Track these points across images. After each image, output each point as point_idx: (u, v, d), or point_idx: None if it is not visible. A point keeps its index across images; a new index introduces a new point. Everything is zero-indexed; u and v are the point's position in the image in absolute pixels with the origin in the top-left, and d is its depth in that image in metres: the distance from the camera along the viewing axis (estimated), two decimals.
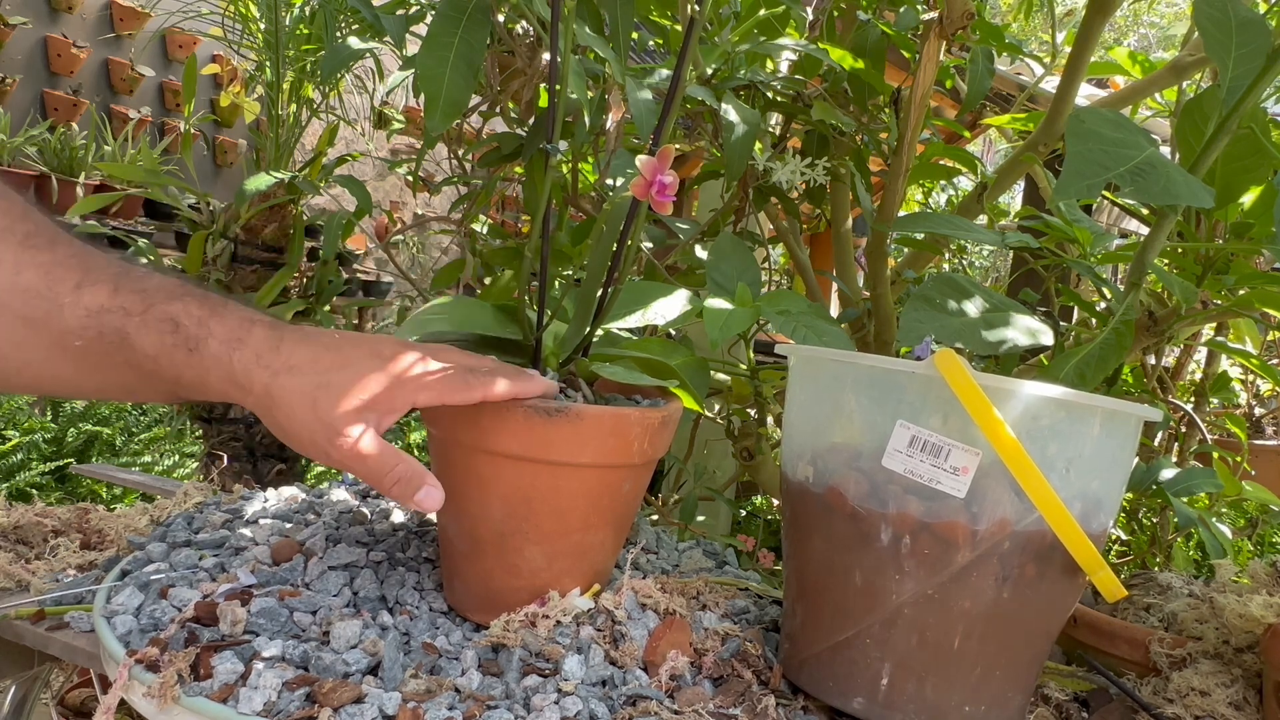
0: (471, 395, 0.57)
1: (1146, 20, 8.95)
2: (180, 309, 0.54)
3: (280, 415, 0.54)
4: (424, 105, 0.74)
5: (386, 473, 0.55)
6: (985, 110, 1.56)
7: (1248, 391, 1.70)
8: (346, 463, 0.55)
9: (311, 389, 0.54)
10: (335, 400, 0.54)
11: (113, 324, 0.53)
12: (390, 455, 0.55)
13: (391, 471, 0.55)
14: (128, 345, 0.53)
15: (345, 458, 0.54)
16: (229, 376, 0.54)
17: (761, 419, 1.09)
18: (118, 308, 0.53)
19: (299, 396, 0.54)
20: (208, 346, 0.54)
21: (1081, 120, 0.64)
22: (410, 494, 0.56)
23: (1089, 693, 0.68)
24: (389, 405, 0.56)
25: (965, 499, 0.53)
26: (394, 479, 0.56)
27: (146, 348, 0.53)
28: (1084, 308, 1.11)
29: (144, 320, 0.53)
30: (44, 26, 3.57)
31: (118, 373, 0.54)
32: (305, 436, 0.55)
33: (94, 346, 0.53)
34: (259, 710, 0.52)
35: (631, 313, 0.74)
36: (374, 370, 0.56)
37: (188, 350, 0.53)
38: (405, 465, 0.56)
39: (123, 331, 0.53)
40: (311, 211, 1.77)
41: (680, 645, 0.61)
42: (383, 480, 0.55)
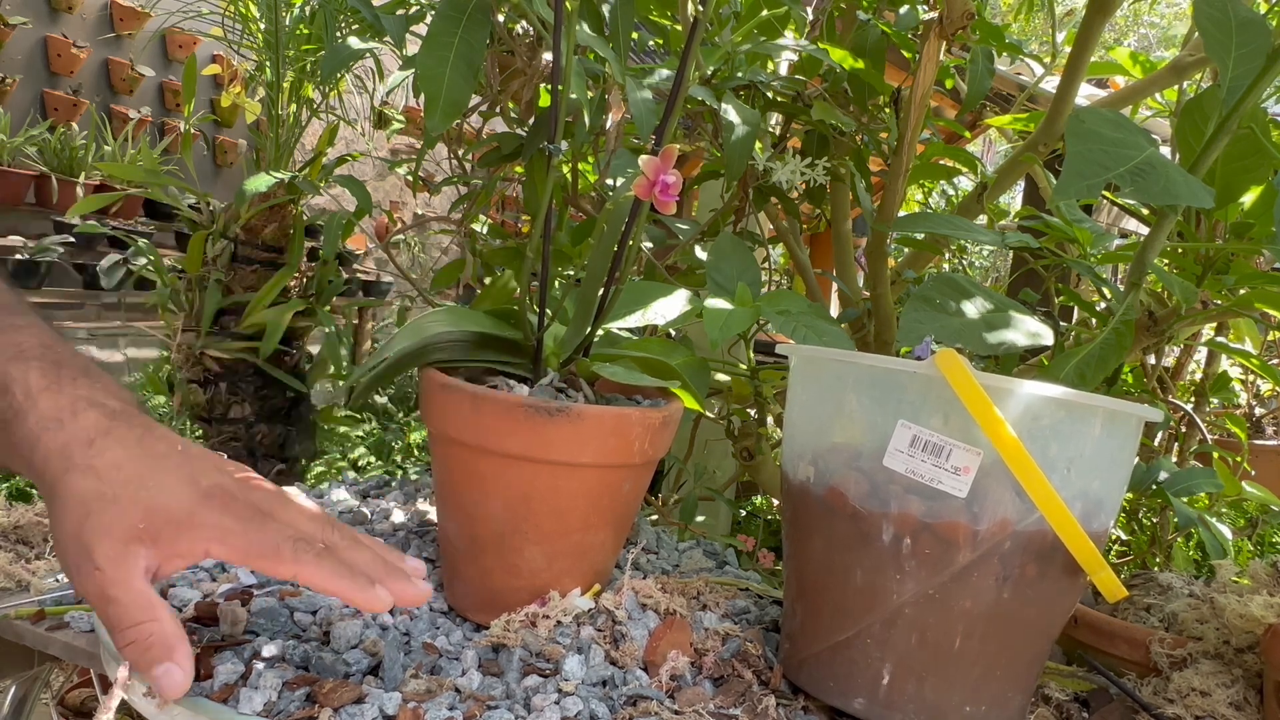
0: (279, 568, 0.48)
1: (1146, 20, 8.95)
2: (20, 372, 0.48)
3: (54, 518, 0.46)
4: (424, 105, 0.74)
5: (127, 627, 0.45)
6: (985, 110, 1.56)
7: (1248, 391, 1.70)
8: (89, 598, 0.46)
9: (93, 498, 0.46)
10: (106, 522, 0.45)
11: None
12: (145, 607, 0.46)
13: (135, 628, 0.45)
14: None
15: (87, 592, 0.46)
16: (28, 462, 0.47)
17: (761, 419, 1.09)
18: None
19: (75, 502, 0.46)
20: (24, 422, 0.47)
21: (1081, 120, 0.64)
22: (147, 663, 0.46)
23: (1089, 693, 0.68)
24: (173, 546, 0.47)
25: (966, 499, 0.53)
26: (131, 638, 0.45)
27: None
28: (1084, 308, 1.11)
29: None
30: (44, 26, 3.57)
31: None
32: (64, 550, 0.46)
33: None
34: (259, 710, 0.52)
35: (632, 313, 0.74)
36: (177, 500, 0.48)
37: (2, 422, 0.47)
38: (156, 626, 0.46)
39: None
40: (311, 211, 1.77)
41: (680, 645, 0.61)
42: (119, 635, 0.46)
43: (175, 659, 0.46)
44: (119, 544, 0.46)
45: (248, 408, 1.51)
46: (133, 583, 0.46)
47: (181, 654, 0.46)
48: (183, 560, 0.48)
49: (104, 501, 0.46)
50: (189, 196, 1.54)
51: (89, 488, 0.46)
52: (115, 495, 0.46)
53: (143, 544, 0.46)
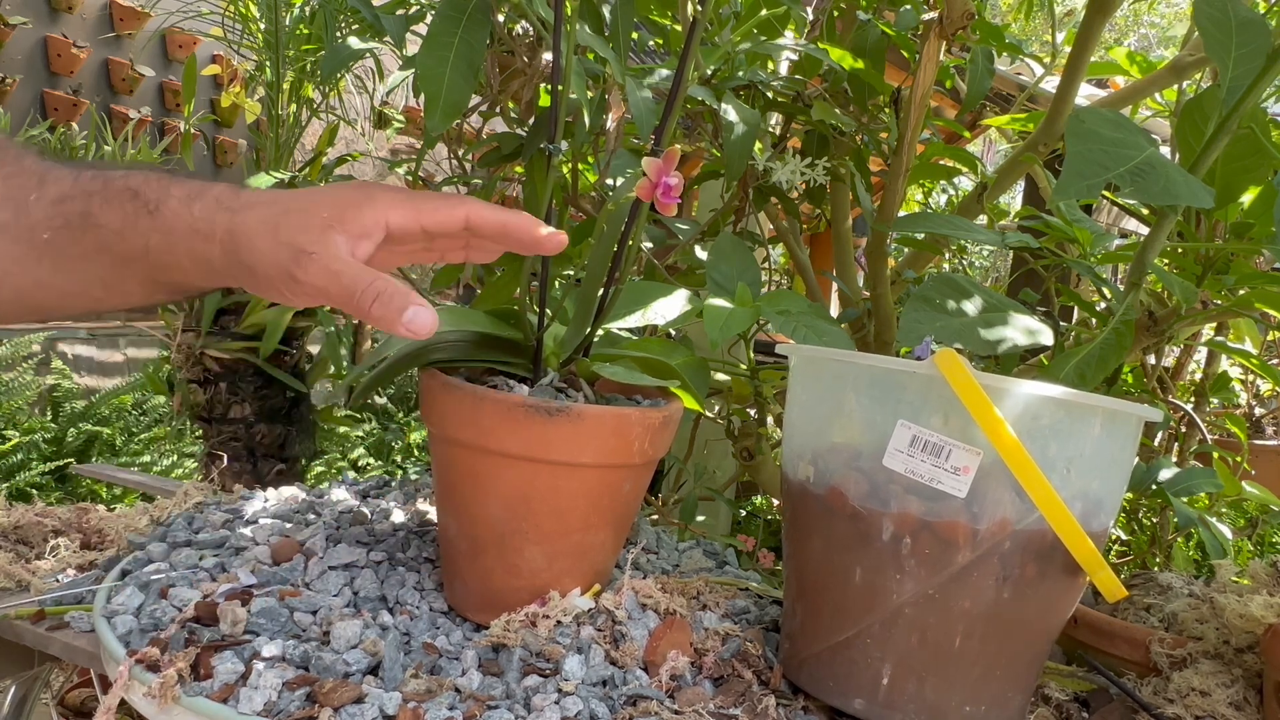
0: (454, 214, 0.54)
1: (1146, 20, 8.95)
2: (140, 179, 0.52)
3: (244, 253, 0.51)
4: (424, 105, 0.74)
5: (363, 288, 0.49)
6: (985, 110, 1.56)
7: (1248, 391, 1.70)
8: (317, 283, 0.50)
9: (273, 216, 0.51)
10: (299, 221, 0.50)
11: (76, 208, 0.51)
12: (366, 271, 0.50)
13: (369, 287, 0.49)
14: (93, 225, 0.51)
15: (314, 278, 0.49)
16: (190, 228, 0.51)
17: (761, 419, 1.09)
18: (79, 192, 0.52)
19: (260, 225, 0.50)
20: (168, 205, 0.51)
21: (1081, 120, 0.64)
22: (395, 314, 0.49)
23: (1089, 693, 0.68)
24: (358, 224, 0.51)
25: (966, 499, 0.53)
26: (373, 295, 0.49)
27: (111, 222, 0.51)
28: (1084, 308, 1.11)
29: (105, 196, 0.51)
30: (44, 26, 3.57)
31: (91, 261, 0.53)
32: (270, 268, 0.50)
33: (63, 236, 0.52)
34: (259, 710, 0.52)
35: (631, 313, 0.74)
36: (340, 193, 0.53)
37: (149, 214, 0.51)
38: (386, 281, 0.50)
39: (86, 212, 0.51)
40: None
41: (680, 645, 0.61)
42: (360, 299, 0.49)
43: (415, 301, 0.50)
44: (319, 233, 0.50)
45: (248, 408, 1.51)
46: (347, 256, 0.50)
47: (417, 299, 0.50)
48: (369, 240, 0.52)
49: (286, 213, 0.51)
50: None
51: (262, 213, 0.51)
52: (290, 207, 0.51)
53: (333, 229, 0.50)
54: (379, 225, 0.52)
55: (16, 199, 0.51)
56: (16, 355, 2.63)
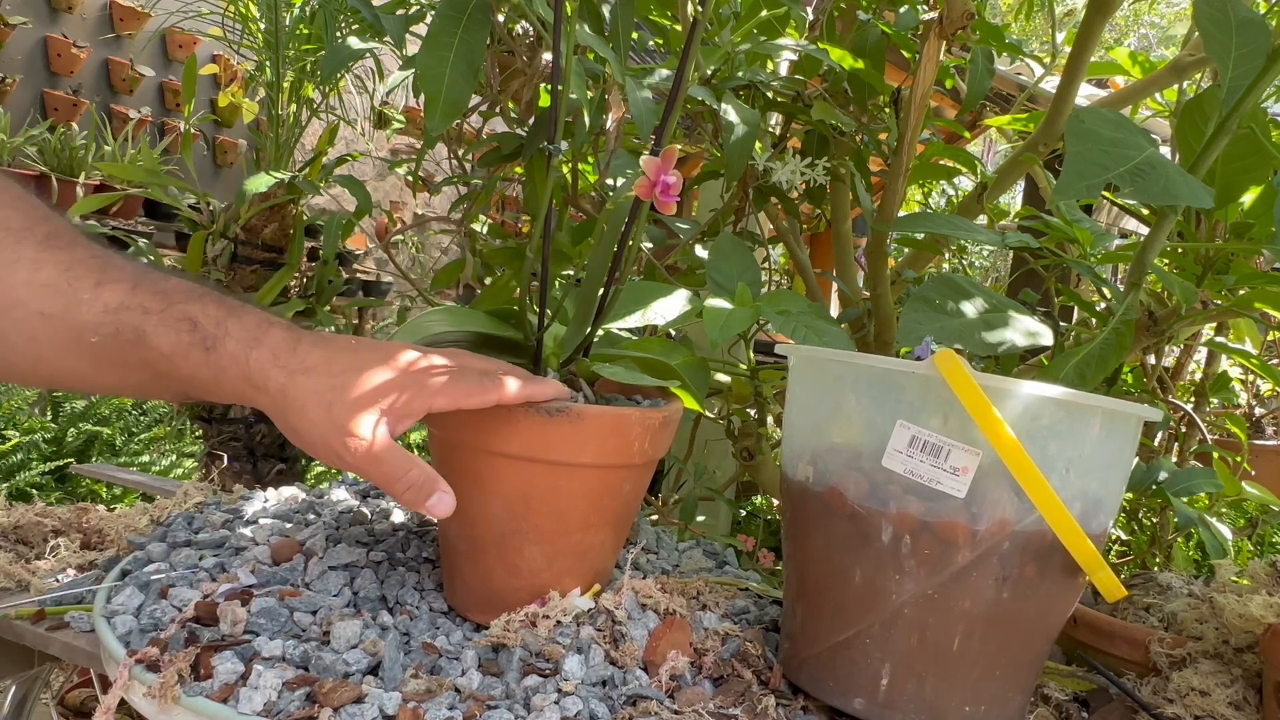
0: (486, 399, 0.58)
1: (1146, 20, 8.95)
2: (199, 309, 0.54)
3: (293, 417, 0.54)
4: (424, 105, 0.74)
5: (400, 478, 0.55)
6: (985, 110, 1.56)
7: (1248, 391, 1.70)
8: (359, 466, 0.54)
9: (326, 391, 0.54)
10: (350, 403, 0.54)
11: (130, 321, 0.53)
12: (404, 460, 0.55)
13: (405, 476, 0.55)
14: (144, 343, 0.53)
15: (358, 461, 0.54)
16: (244, 376, 0.54)
17: (761, 419, 1.09)
18: (136, 305, 0.53)
19: (313, 398, 0.54)
20: (225, 346, 0.54)
21: (1081, 120, 0.64)
22: (423, 500, 0.56)
23: (1089, 693, 0.68)
24: (404, 409, 0.55)
25: (965, 499, 0.53)
26: (407, 484, 0.56)
27: (163, 346, 0.53)
28: (1084, 308, 1.11)
29: (162, 319, 0.53)
30: (44, 26, 3.57)
31: (132, 371, 0.54)
32: (318, 438, 0.54)
33: (110, 343, 0.53)
34: (259, 710, 0.52)
35: (631, 313, 0.74)
36: (390, 374, 0.56)
37: (204, 349, 0.53)
38: (419, 470, 0.56)
39: (140, 329, 0.53)
40: (311, 211, 1.77)
41: (680, 645, 0.61)
42: (395, 485, 0.55)
43: (440, 489, 0.57)
44: (367, 417, 0.54)
45: (248, 407, 1.51)
46: (389, 444, 0.55)
47: (443, 485, 0.57)
48: (409, 419, 0.56)
49: (338, 390, 0.54)
50: (189, 196, 1.54)
51: (319, 383, 0.54)
52: (344, 384, 0.54)
53: (383, 413, 0.55)
54: (420, 411, 0.56)
55: (69, 295, 0.52)
56: None
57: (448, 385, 0.57)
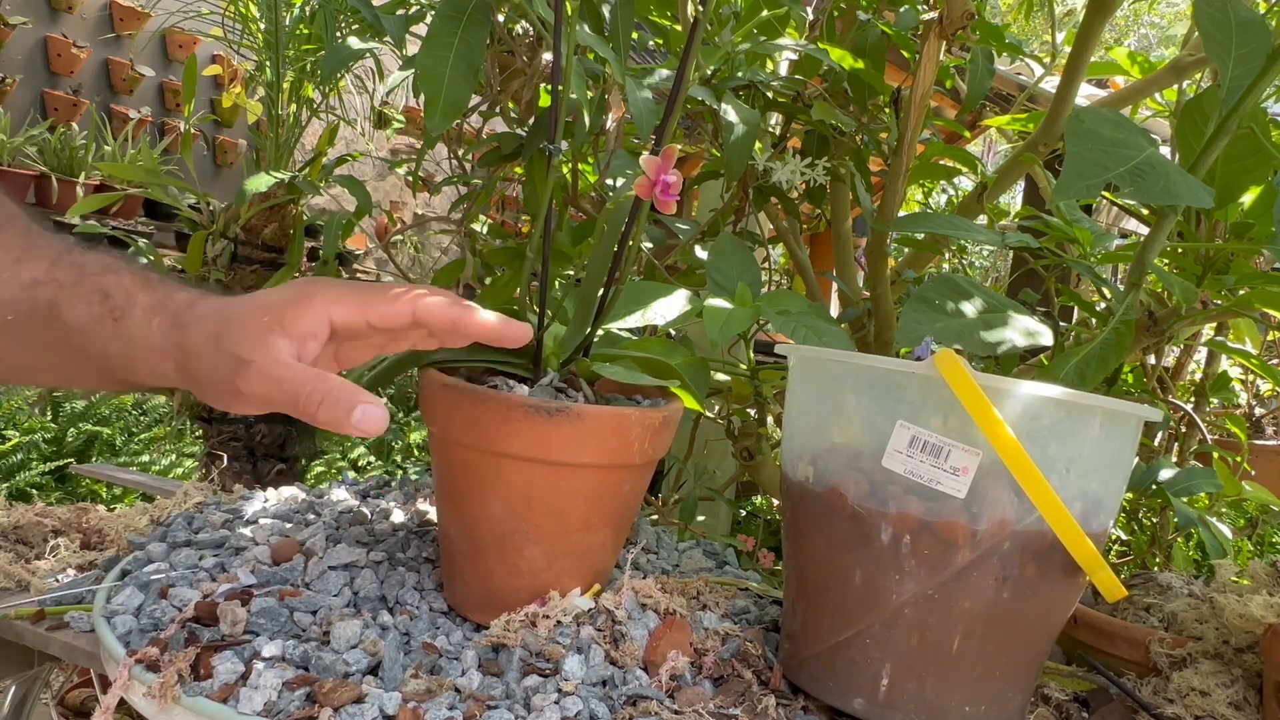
0: (397, 306, 0.52)
1: (1146, 20, 8.95)
2: (113, 281, 0.51)
3: (192, 367, 0.50)
4: (424, 105, 0.74)
5: (308, 392, 0.48)
6: (985, 110, 1.56)
7: (1248, 391, 1.70)
8: (259, 391, 0.48)
9: (215, 329, 0.49)
10: (239, 330, 0.49)
11: (45, 296, 0.50)
12: (311, 374, 0.48)
13: (314, 390, 0.48)
14: (57, 318, 0.50)
15: (255, 387, 0.48)
16: (148, 344, 0.50)
17: (761, 419, 1.09)
18: (51, 280, 0.51)
19: (204, 339, 0.49)
20: (131, 316, 0.50)
21: (1081, 120, 0.64)
22: (344, 414, 0.47)
23: (1089, 693, 0.68)
24: (299, 325, 0.50)
25: (965, 499, 0.53)
26: (318, 398, 0.48)
27: (75, 320, 0.50)
28: (1084, 308, 1.11)
29: (75, 291, 0.50)
30: (44, 26, 3.57)
31: (51, 350, 0.52)
32: (216, 379, 0.49)
33: (27, 322, 0.51)
34: (259, 710, 0.52)
35: (631, 313, 0.74)
36: (281, 294, 0.51)
37: (113, 320, 0.50)
38: (330, 382, 0.48)
39: (54, 304, 0.50)
40: (311, 211, 1.77)
41: (680, 645, 0.61)
42: (305, 403, 0.48)
43: (362, 399, 0.47)
44: (258, 338, 0.49)
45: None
46: (288, 359, 0.49)
47: (366, 396, 0.48)
48: (315, 340, 0.51)
49: (226, 322, 0.50)
50: (189, 196, 1.54)
51: (207, 326, 0.50)
52: (232, 314, 0.50)
53: (275, 333, 0.49)
54: (322, 324, 0.51)
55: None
56: None
57: (349, 293, 0.52)
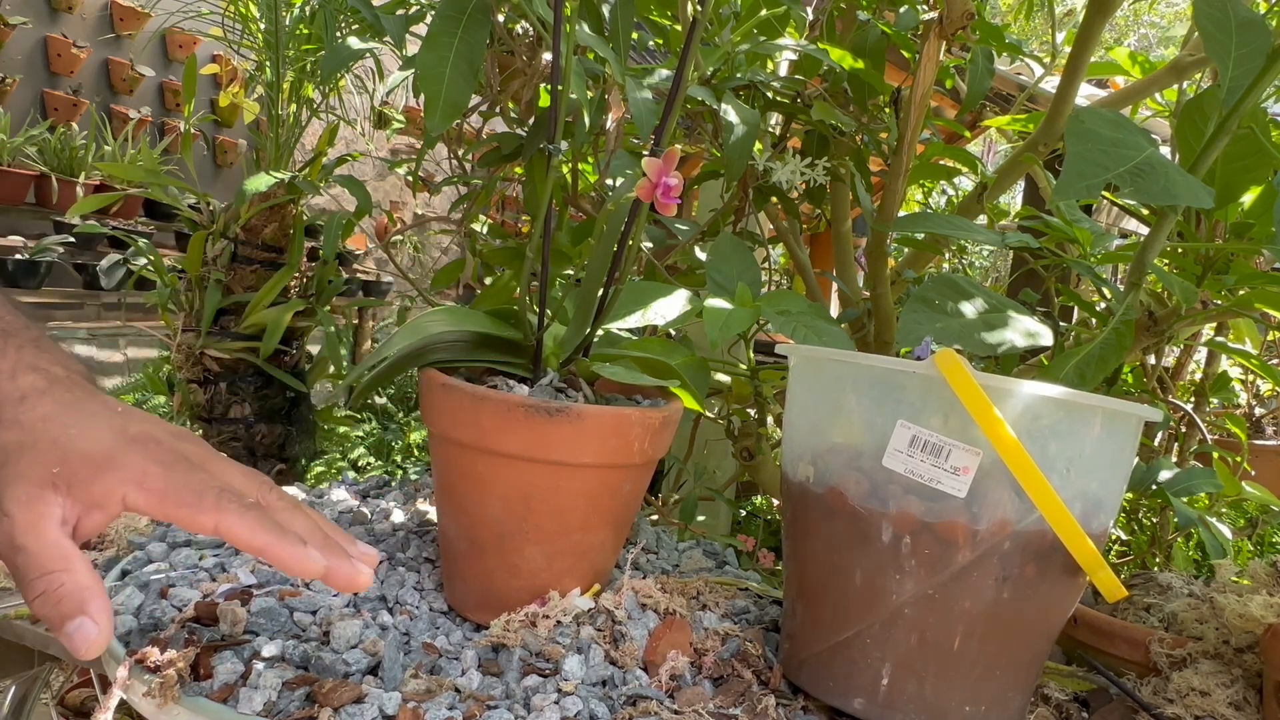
0: (200, 517, 0.45)
1: (1146, 20, 8.95)
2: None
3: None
4: (424, 105, 0.74)
5: (35, 577, 0.41)
6: (985, 110, 1.56)
7: (1248, 391, 1.70)
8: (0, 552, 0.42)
9: (11, 449, 0.43)
10: (22, 466, 0.43)
11: None
12: (52, 558, 0.42)
13: (43, 578, 0.41)
14: None
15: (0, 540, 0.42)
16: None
17: (761, 419, 1.09)
18: None
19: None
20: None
21: (1081, 120, 0.64)
22: (60, 618, 0.41)
23: (1089, 693, 0.68)
24: (88, 493, 0.43)
25: (966, 499, 0.53)
26: (40, 589, 0.41)
27: None
28: (1084, 308, 1.11)
29: None
30: (44, 26, 3.57)
31: None
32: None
33: None
34: (259, 710, 0.52)
35: (631, 313, 0.74)
36: (98, 444, 0.44)
37: None
38: (67, 577, 0.42)
39: None
40: (311, 211, 1.77)
41: (680, 645, 0.61)
42: (27, 588, 0.42)
43: (88, 612, 0.41)
44: (32, 489, 0.42)
45: (248, 408, 1.51)
46: (45, 530, 0.42)
47: (96, 607, 0.42)
48: (102, 512, 0.44)
49: (21, 450, 0.43)
50: (189, 196, 1.54)
51: (11, 439, 0.44)
52: (33, 443, 0.43)
53: (56, 491, 0.43)
54: (113, 500, 0.44)
55: None
56: None
57: (161, 476, 0.45)
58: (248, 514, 0.45)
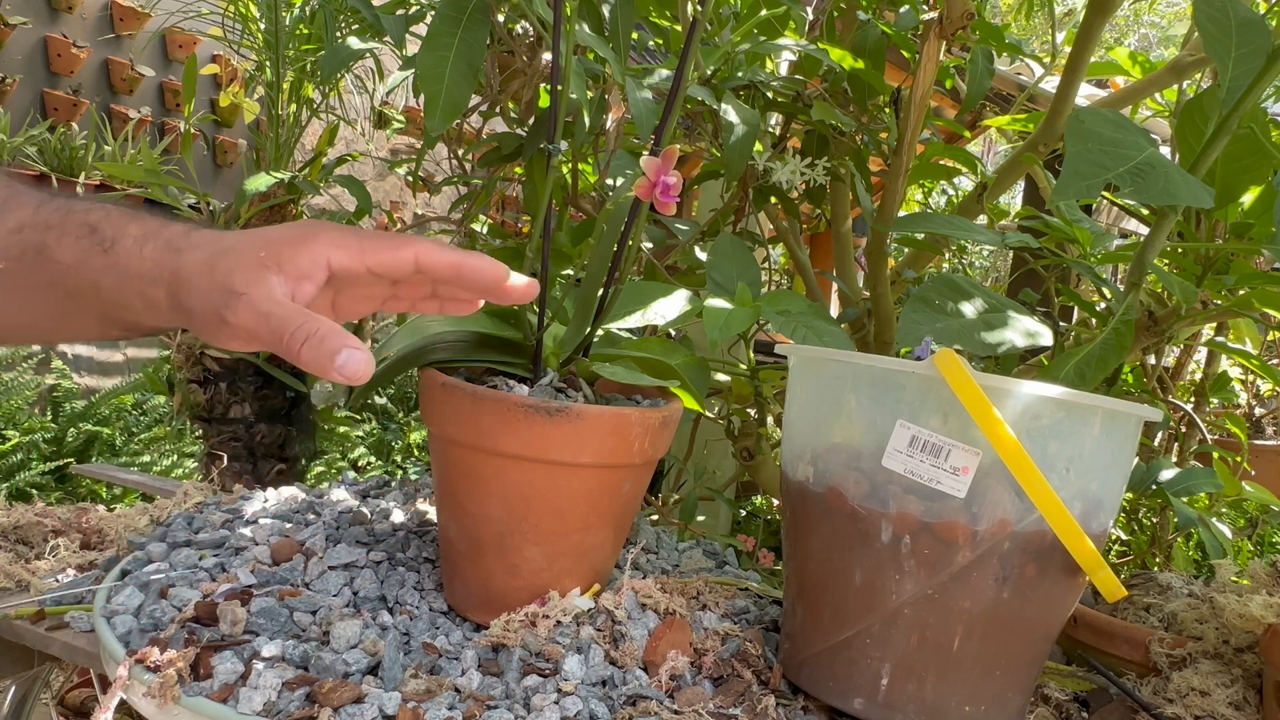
0: (398, 255, 0.51)
1: (1146, 20, 8.95)
2: (100, 215, 0.51)
3: (183, 295, 0.49)
4: (424, 105, 0.74)
5: (293, 330, 0.47)
6: (985, 110, 1.56)
7: (1248, 391, 1.70)
8: (246, 325, 0.47)
9: (211, 258, 0.49)
10: (234, 262, 0.48)
11: (33, 239, 0.50)
12: (298, 312, 0.47)
13: (300, 328, 0.46)
14: (47, 258, 0.50)
15: (243, 320, 0.47)
16: (139, 271, 0.49)
17: (761, 419, 1.09)
18: (39, 223, 0.50)
19: (199, 267, 0.48)
20: (122, 245, 0.50)
21: (1081, 120, 0.64)
22: (327, 357, 0.46)
23: (1089, 693, 0.68)
24: (295, 264, 0.49)
25: (965, 499, 0.53)
26: (302, 336, 0.46)
27: (65, 256, 0.50)
28: (1084, 308, 1.11)
29: (62, 229, 0.50)
30: (44, 26, 3.57)
31: (44, 297, 0.51)
32: (204, 310, 0.48)
33: (16, 267, 0.50)
34: (259, 710, 0.52)
35: (631, 313, 0.74)
36: (282, 232, 0.50)
37: (103, 252, 0.49)
38: (317, 322, 0.47)
39: (42, 245, 0.50)
40: (311, 211, 1.77)
41: (680, 645, 0.61)
42: (290, 340, 0.47)
43: (350, 344, 0.46)
44: (252, 272, 0.48)
45: (248, 408, 1.51)
46: (280, 296, 0.48)
47: (353, 341, 0.47)
48: (310, 281, 0.50)
49: (223, 253, 0.49)
50: (189, 196, 1.54)
51: (203, 254, 0.49)
52: (230, 246, 0.49)
53: (270, 270, 0.48)
54: (319, 265, 0.50)
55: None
56: (16, 355, 2.63)
57: (350, 236, 0.51)
58: (439, 244, 0.52)
